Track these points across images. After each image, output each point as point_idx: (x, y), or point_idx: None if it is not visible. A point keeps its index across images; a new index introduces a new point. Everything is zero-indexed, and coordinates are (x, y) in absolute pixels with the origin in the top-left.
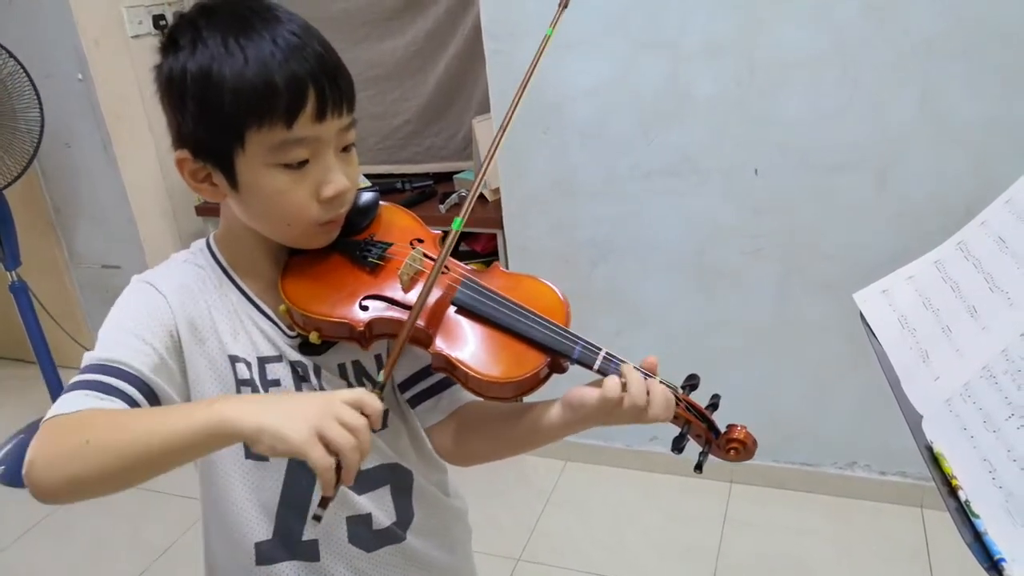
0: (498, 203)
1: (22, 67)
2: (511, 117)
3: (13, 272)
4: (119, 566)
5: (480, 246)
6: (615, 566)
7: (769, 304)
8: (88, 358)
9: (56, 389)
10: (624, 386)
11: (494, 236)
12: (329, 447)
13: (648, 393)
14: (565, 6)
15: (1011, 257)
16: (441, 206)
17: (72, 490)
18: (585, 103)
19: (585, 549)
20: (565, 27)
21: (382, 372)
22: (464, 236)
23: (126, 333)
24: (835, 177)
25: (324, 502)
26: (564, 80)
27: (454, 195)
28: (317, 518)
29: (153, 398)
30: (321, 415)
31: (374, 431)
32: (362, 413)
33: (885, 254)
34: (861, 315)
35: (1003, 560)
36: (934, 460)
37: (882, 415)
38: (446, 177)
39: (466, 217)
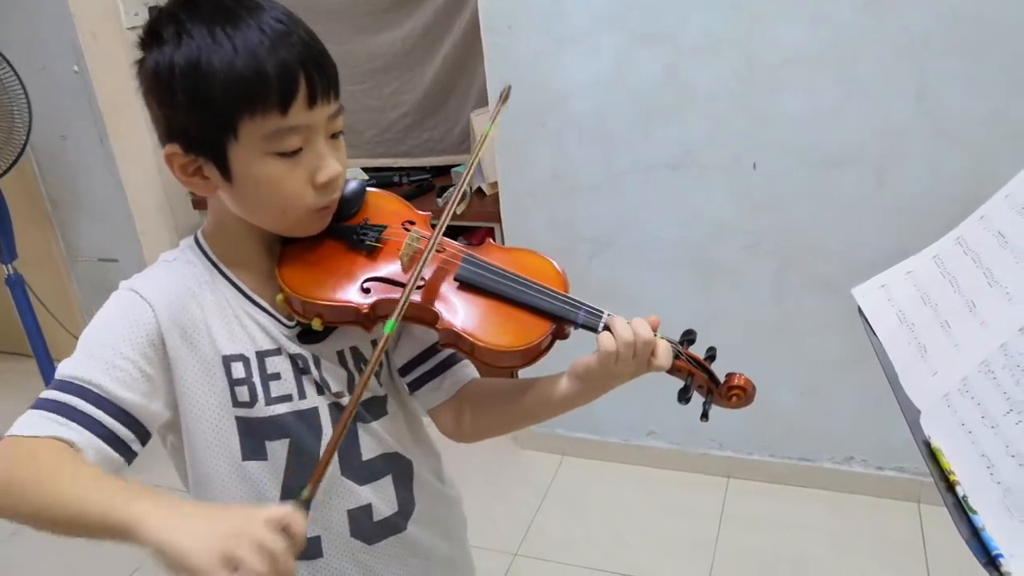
0: (496, 197)
1: (5, 59)
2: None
3: (9, 265)
4: (113, 562)
5: (477, 240)
6: (612, 561)
7: (767, 299)
8: (61, 371)
9: None
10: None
11: (492, 230)
12: (239, 573)
13: (635, 333)
14: (505, 99)
15: (1010, 252)
16: (439, 199)
17: None
18: (584, 97)
19: (582, 544)
20: (564, 21)
21: (307, 488)
22: (462, 230)
23: (102, 346)
24: (833, 173)
25: None
26: (563, 74)
27: (451, 188)
28: None
29: (123, 415)
30: (235, 537)
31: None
32: (286, 534)
33: (883, 249)
34: (859, 310)
35: (1001, 556)
36: (932, 455)
37: (880, 410)
38: (444, 171)
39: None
